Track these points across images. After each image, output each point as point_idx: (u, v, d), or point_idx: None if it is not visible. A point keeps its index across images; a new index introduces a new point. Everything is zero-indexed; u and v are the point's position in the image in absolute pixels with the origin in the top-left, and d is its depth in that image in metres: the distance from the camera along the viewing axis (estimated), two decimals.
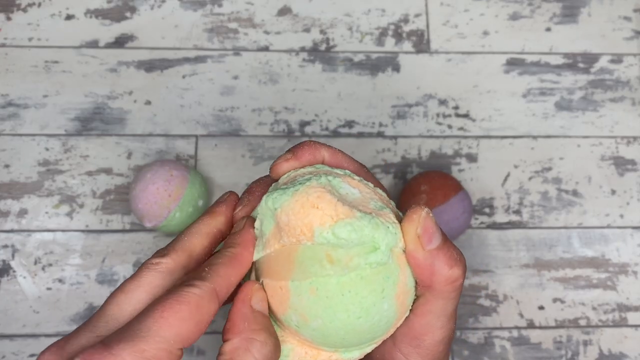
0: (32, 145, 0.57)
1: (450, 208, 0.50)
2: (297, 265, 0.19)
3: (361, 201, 0.20)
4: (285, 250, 0.19)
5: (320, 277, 0.18)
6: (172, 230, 0.52)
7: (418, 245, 0.19)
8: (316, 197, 0.19)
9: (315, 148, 0.22)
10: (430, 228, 0.19)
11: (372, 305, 0.18)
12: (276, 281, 0.19)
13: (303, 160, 0.22)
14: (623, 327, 0.55)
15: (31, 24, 0.61)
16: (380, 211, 0.20)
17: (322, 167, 0.21)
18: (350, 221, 0.19)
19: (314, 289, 0.18)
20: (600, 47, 0.63)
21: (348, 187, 0.20)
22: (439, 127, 0.60)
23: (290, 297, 0.19)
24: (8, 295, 0.53)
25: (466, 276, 0.55)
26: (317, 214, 0.19)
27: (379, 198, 0.21)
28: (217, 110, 0.59)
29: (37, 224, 0.55)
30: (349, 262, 0.18)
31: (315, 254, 0.19)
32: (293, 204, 0.19)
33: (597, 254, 0.57)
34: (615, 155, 0.60)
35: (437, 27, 0.63)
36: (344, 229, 0.18)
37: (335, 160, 0.22)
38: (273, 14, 0.63)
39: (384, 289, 0.19)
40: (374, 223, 0.19)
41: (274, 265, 0.19)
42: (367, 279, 0.18)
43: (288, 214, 0.19)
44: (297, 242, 0.19)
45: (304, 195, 0.19)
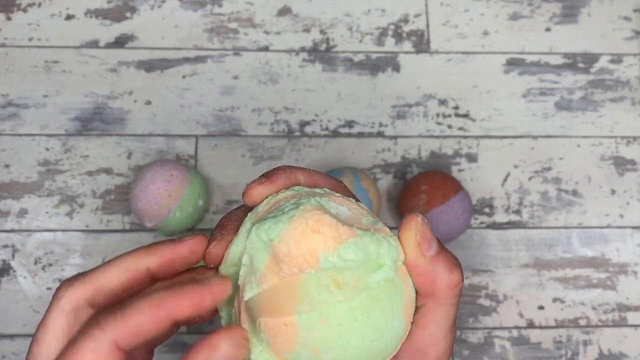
0: (32, 145, 0.57)
1: (450, 208, 0.50)
2: (303, 296, 0.17)
3: (354, 218, 0.19)
4: (285, 283, 0.18)
5: (329, 304, 0.17)
6: (172, 230, 0.52)
7: (419, 253, 0.19)
8: (315, 221, 0.18)
9: (290, 171, 0.21)
10: (428, 234, 0.19)
11: (384, 325, 0.18)
12: (279, 318, 0.18)
13: (278, 183, 0.20)
14: (623, 327, 0.55)
15: (31, 24, 0.61)
16: (376, 226, 0.19)
17: (301, 189, 0.20)
18: (355, 240, 0.18)
19: (325, 318, 0.17)
20: (600, 47, 0.64)
21: (336, 205, 0.19)
22: (439, 127, 0.60)
23: (298, 332, 0.17)
24: (8, 295, 0.53)
25: (466, 276, 0.55)
26: (319, 239, 0.18)
27: (368, 212, 0.20)
28: (217, 110, 0.59)
29: (37, 223, 0.55)
30: (357, 284, 0.18)
31: (321, 281, 0.17)
32: (292, 231, 0.18)
33: (597, 253, 0.57)
34: (615, 155, 0.60)
35: (437, 27, 0.63)
36: (349, 249, 0.18)
37: (311, 181, 0.21)
38: (273, 14, 0.63)
39: (394, 306, 0.18)
40: (375, 239, 0.18)
41: (274, 301, 0.18)
42: (377, 298, 0.18)
43: (288, 243, 0.18)
44: (300, 271, 0.18)
45: (302, 220, 0.18)
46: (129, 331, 0.17)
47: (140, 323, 0.18)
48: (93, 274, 0.19)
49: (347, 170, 0.52)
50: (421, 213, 0.51)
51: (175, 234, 0.54)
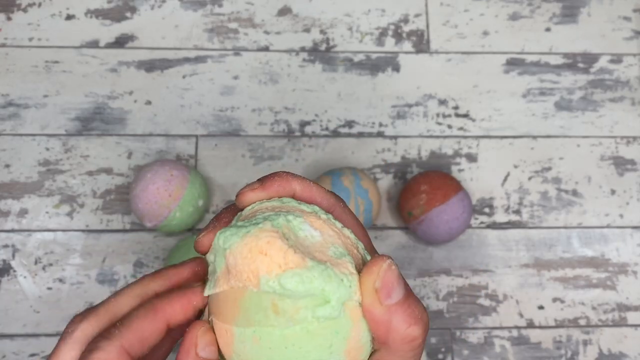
0: (33, 145, 0.57)
1: (450, 208, 0.50)
2: (242, 311, 0.18)
3: (320, 246, 0.19)
4: (232, 293, 0.18)
5: (264, 326, 0.18)
6: (173, 230, 0.52)
7: (375, 300, 0.18)
8: (265, 243, 0.18)
9: (286, 180, 0.21)
10: (391, 282, 0.18)
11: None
12: (223, 323, 0.18)
13: (271, 191, 0.20)
14: (623, 327, 0.55)
15: (31, 24, 0.61)
16: (339, 259, 0.18)
17: (288, 202, 0.20)
18: (300, 271, 0.17)
19: (257, 338, 0.18)
20: (599, 47, 0.64)
21: (309, 228, 0.19)
22: (438, 127, 0.60)
23: (234, 342, 0.18)
24: (8, 295, 0.53)
25: (466, 276, 0.55)
26: (264, 261, 0.18)
27: (342, 243, 0.19)
28: (217, 110, 0.59)
29: (38, 223, 0.55)
30: (294, 315, 0.17)
31: (261, 301, 0.18)
32: (242, 247, 0.18)
33: (597, 253, 0.57)
34: (614, 155, 0.60)
35: (437, 27, 0.63)
36: (291, 279, 0.17)
37: (307, 194, 0.21)
38: (273, 14, 0.63)
39: (332, 345, 0.18)
40: (326, 274, 0.17)
41: (221, 306, 0.19)
42: (313, 333, 0.17)
43: (236, 257, 0.18)
44: (244, 286, 0.18)
45: (254, 239, 0.18)
46: (133, 336, 0.18)
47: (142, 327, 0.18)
48: (105, 305, 0.20)
49: (347, 170, 0.52)
50: (421, 213, 0.51)
51: (175, 233, 0.54)
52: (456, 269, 0.55)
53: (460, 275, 0.55)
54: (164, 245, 0.54)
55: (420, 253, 0.56)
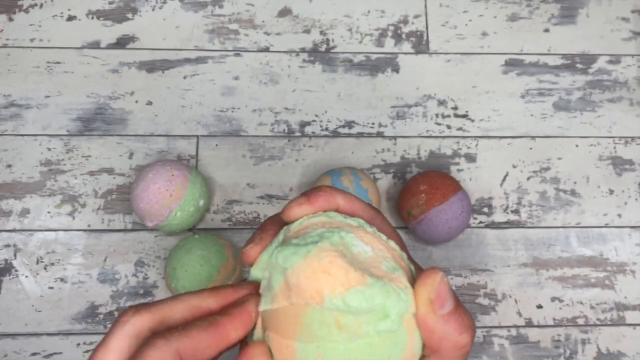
0: (34, 145, 0.57)
1: (449, 208, 0.51)
2: (305, 326, 0.18)
3: (373, 261, 0.20)
4: (293, 309, 0.19)
5: (327, 342, 0.18)
6: (174, 230, 0.52)
7: (430, 310, 0.19)
8: (328, 262, 0.18)
9: (331, 194, 0.21)
10: (444, 293, 0.19)
11: None
12: (283, 338, 0.19)
13: (317, 206, 0.21)
14: (621, 326, 0.55)
15: (33, 24, 0.61)
16: (393, 274, 0.19)
17: (335, 216, 0.21)
18: (362, 289, 0.18)
19: (321, 353, 0.18)
20: (598, 47, 0.64)
21: (361, 244, 0.20)
22: (438, 127, 0.60)
23: (296, 356, 0.19)
24: (10, 295, 0.53)
25: (465, 275, 0.55)
26: (328, 280, 0.18)
27: (392, 256, 0.20)
28: (218, 111, 0.59)
29: (39, 223, 0.55)
30: (357, 329, 0.18)
31: (324, 318, 0.18)
32: (304, 266, 0.19)
33: (595, 253, 0.57)
34: (613, 155, 0.60)
35: (436, 28, 0.64)
36: (355, 297, 0.18)
37: (350, 208, 0.22)
38: (273, 15, 0.63)
39: (391, 356, 0.19)
40: (385, 290, 0.18)
41: (281, 322, 0.19)
42: (375, 346, 0.18)
43: (299, 276, 0.19)
44: (306, 304, 0.18)
45: (316, 259, 0.19)
46: (190, 343, 0.19)
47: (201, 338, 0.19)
48: (160, 306, 0.20)
49: (347, 170, 0.52)
50: (420, 213, 0.51)
51: (176, 233, 0.54)
52: (455, 269, 0.56)
53: (460, 274, 0.56)
54: (165, 245, 0.55)
55: (419, 252, 0.56)
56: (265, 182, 0.57)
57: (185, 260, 0.48)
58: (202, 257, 0.48)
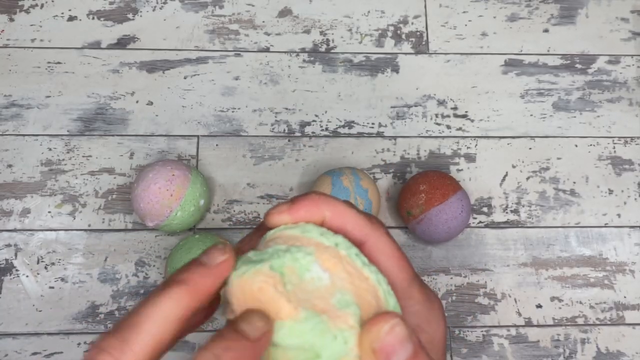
0: (35, 145, 0.57)
1: (448, 207, 0.51)
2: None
3: (324, 291, 0.18)
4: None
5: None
6: (174, 230, 0.52)
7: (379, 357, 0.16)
8: (258, 289, 0.17)
9: (316, 204, 0.19)
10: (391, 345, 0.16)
11: None
12: None
13: (297, 216, 0.19)
14: (620, 326, 0.55)
15: (34, 25, 0.61)
16: (340, 310, 0.17)
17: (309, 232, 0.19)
18: (290, 324, 0.17)
19: None
20: (597, 48, 0.64)
21: (318, 269, 0.18)
22: (437, 127, 0.60)
23: None
24: (11, 294, 0.53)
25: (465, 275, 0.56)
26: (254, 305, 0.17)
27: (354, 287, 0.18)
28: (218, 111, 0.60)
29: (40, 223, 0.55)
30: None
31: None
32: (237, 288, 0.18)
33: (595, 253, 0.57)
34: (612, 155, 0.60)
35: (436, 29, 0.64)
36: (280, 331, 0.17)
37: (338, 222, 0.20)
38: (274, 15, 0.63)
39: None
40: (319, 329, 0.17)
41: None
42: None
43: (232, 296, 0.18)
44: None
45: (249, 282, 0.17)
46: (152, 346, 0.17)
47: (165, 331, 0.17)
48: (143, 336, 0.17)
49: (347, 170, 0.52)
50: (420, 212, 0.51)
51: (176, 233, 0.54)
52: (455, 268, 0.56)
53: (459, 274, 0.56)
54: (166, 244, 0.55)
55: (419, 252, 0.56)
56: (266, 182, 0.58)
57: (186, 260, 0.49)
58: None
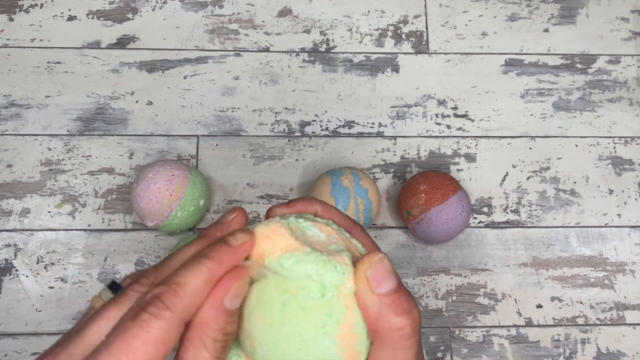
0: (35, 145, 0.57)
1: (448, 207, 0.51)
2: (253, 292, 0.20)
3: (323, 243, 0.21)
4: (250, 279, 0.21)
5: (267, 304, 0.20)
6: (174, 229, 0.52)
7: (366, 287, 0.19)
8: (271, 230, 0.21)
9: (310, 202, 0.24)
10: (381, 272, 0.19)
11: (312, 339, 0.19)
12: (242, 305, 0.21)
13: (295, 209, 0.23)
14: (621, 326, 0.55)
15: (33, 24, 0.61)
16: (336, 253, 0.21)
17: (306, 215, 0.23)
18: (297, 254, 0.20)
19: (261, 315, 0.20)
20: (598, 47, 0.64)
21: (316, 230, 0.22)
22: (437, 127, 0.60)
23: (244, 322, 0.20)
24: (11, 294, 0.53)
25: (465, 275, 0.55)
26: (268, 244, 0.20)
27: (345, 245, 0.22)
28: (218, 111, 0.60)
29: (40, 223, 0.55)
30: (294, 293, 0.19)
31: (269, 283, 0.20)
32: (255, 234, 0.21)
33: (595, 253, 0.57)
34: (612, 155, 0.60)
35: (436, 28, 0.64)
36: (288, 260, 0.20)
37: (326, 214, 0.24)
38: (273, 15, 0.63)
39: (325, 325, 0.19)
40: (320, 260, 0.20)
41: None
42: (308, 311, 0.19)
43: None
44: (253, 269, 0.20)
45: (263, 227, 0.21)
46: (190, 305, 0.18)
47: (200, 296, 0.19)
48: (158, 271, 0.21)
49: (347, 170, 0.52)
50: (420, 212, 0.51)
51: (176, 233, 0.54)
52: (455, 268, 0.56)
53: (459, 274, 0.56)
54: (166, 244, 0.55)
55: (419, 252, 0.56)
56: (266, 182, 0.58)
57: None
58: None
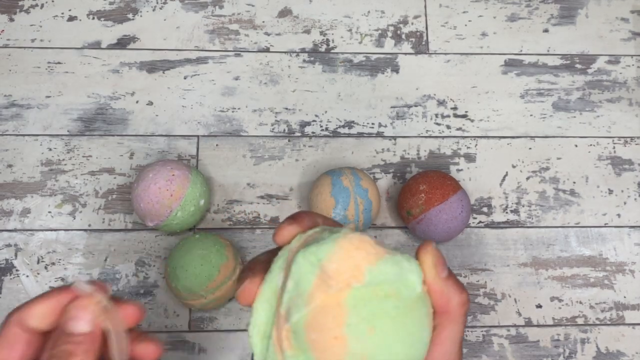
0: (35, 145, 0.57)
1: (448, 207, 0.51)
2: (351, 309, 0.19)
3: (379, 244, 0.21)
4: (333, 299, 0.19)
5: (375, 314, 0.19)
6: (174, 229, 0.52)
7: (435, 274, 0.21)
8: (358, 240, 0.20)
9: (311, 215, 0.23)
10: (441, 260, 0.21)
11: (418, 333, 0.20)
12: (328, 332, 0.19)
13: (304, 224, 0.22)
14: (620, 326, 0.55)
15: (34, 25, 0.61)
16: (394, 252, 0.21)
17: (324, 228, 0.22)
18: (390, 257, 0.20)
19: (372, 327, 0.19)
20: (597, 48, 0.64)
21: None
22: (437, 127, 0.60)
23: (347, 344, 0.19)
24: (11, 294, 0.53)
25: (465, 275, 0.56)
26: (362, 255, 0.20)
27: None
28: (218, 111, 0.60)
29: (40, 223, 0.55)
30: (397, 296, 0.19)
31: (365, 294, 0.19)
32: (339, 250, 0.20)
33: (595, 252, 0.57)
34: (612, 155, 0.60)
35: (436, 29, 0.64)
36: (388, 264, 0.20)
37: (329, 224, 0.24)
38: (274, 15, 0.63)
39: (422, 317, 0.20)
40: (405, 258, 0.20)
41: (323, 318, 0.19)
42: (413, 309, 0.20)
43: (336, 260, 0.19)
44: (347, 286, 0.19)
45: (347, 240, 0.20)
46: None
47: None
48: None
49: (347, 170, 0.52)
50: (420, 212, 0.51)
51: (176, 233, 0.55)
52: (455, 268, 0.56)
53: (459, 274, 0.56)
54: (166, 244, 0.55)
55: None
56: (266, 182, 0.58)
57: (186, 260, 0.49)
58: (202, 256, 0.48)
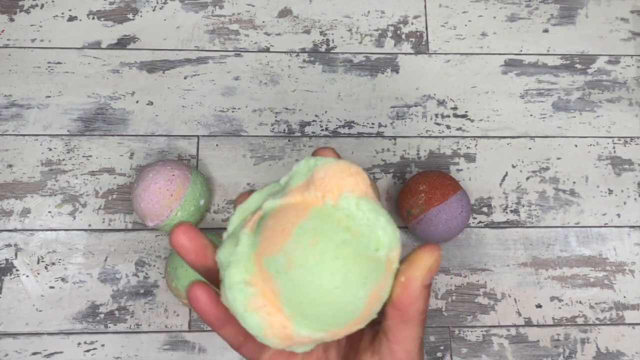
0: (35, 145, 0.57)
1: (448, 207, 0.51)
2: (310, 217, 0.19)
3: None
4: (304, 202, 0.20)
5: (325, 234, 0.19)
6: None
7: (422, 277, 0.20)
8: (356, 170, 0.20)
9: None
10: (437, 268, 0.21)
11: (352, 283, 0.19)
12: (281, 224, 0.20)
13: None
14: (620, 326, 0.55)
15: (34, 25, 0.61)
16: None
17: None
18: (374, 205, 0.20)
19: (315, 241, 0.19)
20: (597, 48, 0.64)
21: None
22: (437, 127, 0.60)
23: (287, 240, 0.19)
24: (11, 294, 0.53)
25: (465, 275, 0.56)
26: (351, 182, 0.20)
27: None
28: (219, 111, 0.60)
29: (40, 223, 0.55)
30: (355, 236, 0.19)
31: (332, 214, 0.19)
32: (335, 166, 0.20)
33: (594, 252, 0.57)
34: (612, 155, 0.60)
35: (436, 29, 0.64)
36: (367, 205, 0.20)
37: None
38: (274, 15, 0.63)
39: (366, 277, 0.19)
40: (389, 218, 0.20)
41: (286, 212, 0.20)
42: (359, 261, 0.19)
43: (327, 172, 0.20)
44: (321, 198, 0.20)
45: (347, 164, 0.20)
46: None
47: None
48: None
49: None
50: (420, 212, 0.51)
51: None
52: (455, 268, 0.56)
53: (459, 274, 0.56)
54: (166, 244, 0.55)
55: None
56: (266, 182, 0.58)
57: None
58: None
